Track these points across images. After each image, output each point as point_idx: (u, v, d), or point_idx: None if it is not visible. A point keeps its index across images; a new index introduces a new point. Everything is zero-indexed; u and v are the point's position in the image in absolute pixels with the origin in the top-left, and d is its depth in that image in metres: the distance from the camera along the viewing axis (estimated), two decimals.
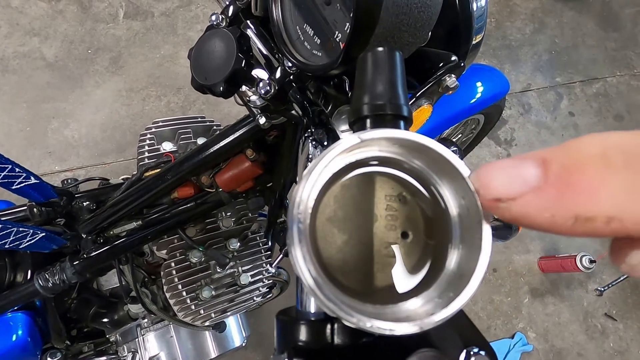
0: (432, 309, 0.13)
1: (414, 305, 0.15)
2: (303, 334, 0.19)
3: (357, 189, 0.16)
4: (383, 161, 0.16)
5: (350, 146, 0.14)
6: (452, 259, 0.15)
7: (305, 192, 0.14)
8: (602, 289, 1.78)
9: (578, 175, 0.11)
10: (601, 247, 1.87)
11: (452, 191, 0.15)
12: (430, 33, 0.40)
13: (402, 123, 0.19)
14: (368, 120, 0.19)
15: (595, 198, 0.11)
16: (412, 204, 0.17)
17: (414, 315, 0.13)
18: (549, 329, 1.69)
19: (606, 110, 2.16)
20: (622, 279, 1.77)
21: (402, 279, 0.16)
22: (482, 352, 0.17)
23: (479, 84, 1.05)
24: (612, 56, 2.32)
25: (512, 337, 1.63)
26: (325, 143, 0.40)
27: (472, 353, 0.17)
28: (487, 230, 0.13)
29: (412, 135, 0.14)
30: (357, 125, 0.20)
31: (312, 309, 0.23)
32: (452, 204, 0.15)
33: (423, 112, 0.53)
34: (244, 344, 1.00)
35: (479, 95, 1.03)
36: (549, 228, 0.12)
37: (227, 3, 0.48)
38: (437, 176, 0.16)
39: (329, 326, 0.19)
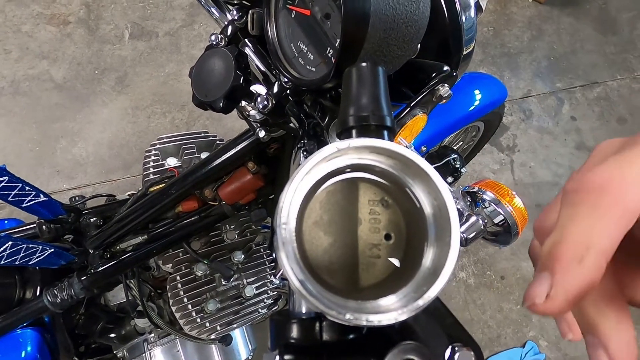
0: (407, 302, 0.14)
1: (391, 300, 0.16)
2: (293, 332, 0.20)
3: (341, 194, 0.18)
4: (361, 168, 0.17)
5: (328, 155, 0.15)
6: (428, 256, 0.16)
7: (288, 198, 0.15)
8: None
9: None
10: None
11: (425, 192, 0.16)
12: (419, 45, 0.42)
13: (385, 132, 0.21)
14: (354, 131, 0.21)
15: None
16: (394, 208, 0.18)
17: (391, 309, 0.14)
18: (561, 337, 1.66)
19: (608, 114, 2.16)
20: None
21: (392, 269, 0.17)
22: (467, 348, 0.18)
23: (476, 91, 1.06)
24: (611, 60, 2.33)
25: (523, 346, 1.60)
26: None
27: (457, 349, 0.18)
28: (455, 227, 0.14)
29: (382, 142, 0.16)
30: (343, 135, 0.22)
31: (303, 309, 0.24)
32: (426, 204, 0.16)
33: (418, 121, 0.54)
34: (250, 357, 0.99)
35: (477, 102, 1.05)
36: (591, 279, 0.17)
37: (226, 23, 0.50)
38: (410, 179, 0.17)
39: (317, 324, 0.20)
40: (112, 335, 0.90)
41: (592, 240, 0.16)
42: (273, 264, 0.89)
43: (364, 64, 0.22)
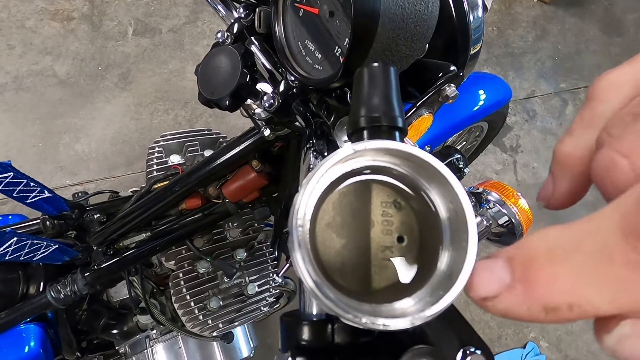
0: (423, 306, 0.14)
1: (407, 304, 0.16)
2: (305, 334, 0.20)
3: (354, 196, 0.18)
4: (376, 169, 0.17)
5: (345, 157, 0.15)
6: (443, 260, 0.16)
7: (304, 200, 0.15)
8: None
9: (534, 271, 0.13)
10: None
11: (441, 196, 0.16)
12: (427, 45, 0.41)
13: (397, 133, 0.20)
14: (365, 132, 0.21)
15: (552, 289, 0.12)
16: (407, 210, 0.18)
17: (407, 313, 0.14)
18: (562, 338, 1.66)
19: None
20: None
21: (405, 272, 0.17)
22: (479, 352, 0.18)
23: (481, 91, 1.06)
24: (616, 61, 2.31)
25: (524, 347, 1.60)
26: (325, 153, 0.41)
27: (468, 352, 0.18)
28: (472, 231, 0.14)
29: (400, 145, 0.15)
30: (355, 136, 0.21)
31: (314, 311, 0.24)
32: (441, 207, 0.16)
33: (424, 121, 0.54)
34: (251, 355, 1.00)
35: (481, 103, 1.05)
36: (530, 319, 0.13)
37: (232, 21, 0.50)
38: (426, 182, 0.17)
39: (329, 326, 0.20)
40: (114, 331, 0.90)
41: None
42: (275, 262, 0.89)
43: (375, 64, 0.22)
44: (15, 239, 0.56)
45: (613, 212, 0.12)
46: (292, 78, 0.44)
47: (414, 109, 0.48)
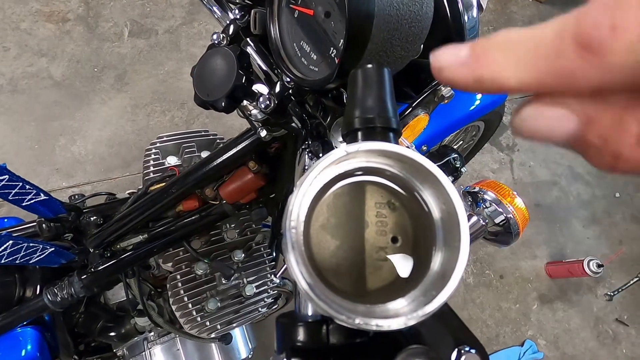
0: (416, 306, 0.14)
1: (400, 304, 0.16)
2: (300, 335, 0.20)
3: (348, 197, 0.18)
4: (370, 171, 0.17)
5: (337, 159, 0.15)
6: (436, 260, 0.16)
7: (297, 202, 0.15)
8: (612, 294, 1.75)
9: (484, 54, 0.15)
10: (609, 250, 1.85)
11: (434, 197, 0.16)
12: (422, 46, 0.42)
13: (391, 134, 0.21)
14: (359, 133, 0.21)
15: (486, 67, 0.15)
16: (401, 211, 0.18)
17: (401, 313, 0.14)
18: (559, 336, 1.67)
19: None
20: (632, 283, 1.75)
21: (402, 265, 0.17)
22: (473, 351, 0.18)
23: None
24: None
25: (522, 345, 1.61)
26: (321, 155, 0.41)
27: (463, 352, 0.18)
28: (465, 232, 0.14)
29: (392, 146, 0.16)
30: (349, 137, 0.21)
31: (310, 312, 0.24)
32: (434, 208, 0.16)
33: (420, 121, 0.54)
34: (250, 356, 1.00)
35: (477, 102, 1.05)
36: (463, 87, 0.16)
37: (228, 22, 0.50)
38: (419, 183, 0.17)
39: (324, 327, 0.20)
40: (112, 333, 0.90)
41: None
42: (273, 263, 0.89)
43: (369, 66, 0.22)
44: (11, 242, 0.56)
45: (568, 18, 0.14)
46: (288, 79, 0.44)
47: (410, 109, 0.49)
